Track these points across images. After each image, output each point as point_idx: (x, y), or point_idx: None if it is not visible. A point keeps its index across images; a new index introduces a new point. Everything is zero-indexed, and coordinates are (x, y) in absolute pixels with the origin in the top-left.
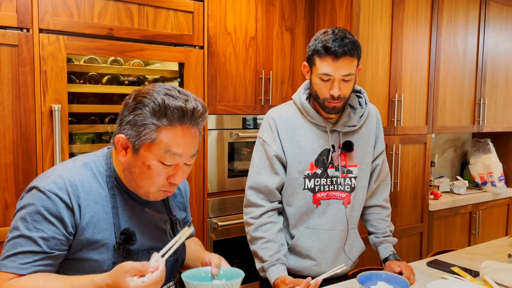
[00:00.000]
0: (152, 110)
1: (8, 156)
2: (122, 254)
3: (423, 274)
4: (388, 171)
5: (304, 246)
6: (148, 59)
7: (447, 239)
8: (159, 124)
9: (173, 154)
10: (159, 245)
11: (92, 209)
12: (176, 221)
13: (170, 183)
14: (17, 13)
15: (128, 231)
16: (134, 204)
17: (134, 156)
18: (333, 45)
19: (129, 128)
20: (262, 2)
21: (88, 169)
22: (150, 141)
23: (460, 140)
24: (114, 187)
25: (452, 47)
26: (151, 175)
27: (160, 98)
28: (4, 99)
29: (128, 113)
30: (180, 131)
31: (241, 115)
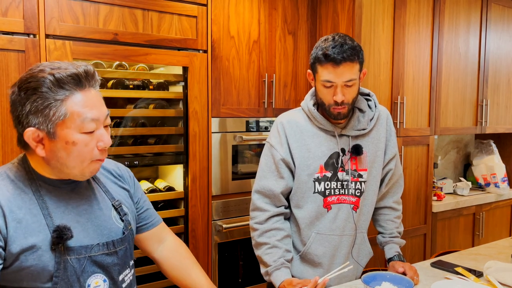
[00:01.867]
0: (48, 88)
1: None
2: (64, 252)
3: (427, 274)
4: (401, 173)
5: (316, 253)
6: (152, 63)
7: (451, 240)
8: (61, 97)
9: (91, 119)
10: (107, 235)
11: (17, 216)
12: (120, 206)
13: (100, 149)
14: (24, 19)
15: (58, 227)
16: (67, 200)
17: (54, 141)
18: (332, 52)
19: (33, 118)
20: (265, 6)
21: (5, 178)
22: (62, 117)
23: (463, 142)
24: (40, 188)
25: (454, 49)
26: (80, 150)
27: (48, 74)
28: None
29: (22, 106)
30: (83, 96)
31: (245, 118)
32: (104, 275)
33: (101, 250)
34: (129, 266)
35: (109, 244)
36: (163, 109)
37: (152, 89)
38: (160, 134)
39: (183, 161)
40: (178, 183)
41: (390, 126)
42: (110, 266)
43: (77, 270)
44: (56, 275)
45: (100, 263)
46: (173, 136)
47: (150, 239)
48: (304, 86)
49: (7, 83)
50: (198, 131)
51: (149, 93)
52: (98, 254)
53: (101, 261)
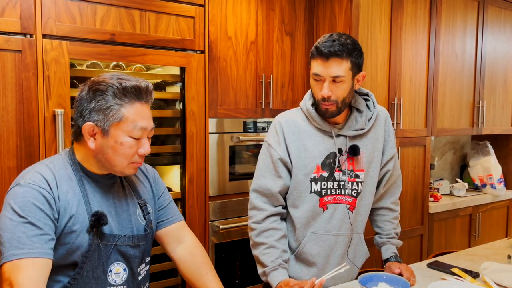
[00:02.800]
0: (113, 93)
1: (11, 160)
2: (97, 236)
3: (423, 275)
4: (400, 174)
5: (310, 253)
6: (149, 64)
7: (447, 241)
8: (122, 103)
9: (140, 127)
10: (132, 228)
11: (65, 198)
12: (145, 205)
13: (139, 155)
14: (21, 18)
15: (97, 213)
16: (103, 192)
17: (105, 138)
18: (323, 46)
19: (95, 114)
20: (262, 6)
21: (56, 165)
22: (118, 120)
23: (459, 143)
24: (82, 178)
25: (451, 50)
26: (124, 150)
27: (116, 81)
28: (7, 103)
29: (87, 103)
30: (139, 107)
31: (242, 119)
32: (125, 264)
33: (127, 241)
34: (145, 261)
35: (134, 237)
36: (160, 110)
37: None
38: (157, 135)
39: (180, 162)
40: (175, 184)
41: (389, 127)
42: (132, 258)
43: (104, 254)
44: (86, 255)
45: (124, 253)
46: (170, 137)
47: (168, 236)
48: (301, 87)
49: (4, 84)
50: (195, 132)
51: None
52: (124, 244)
53: (125, 251)
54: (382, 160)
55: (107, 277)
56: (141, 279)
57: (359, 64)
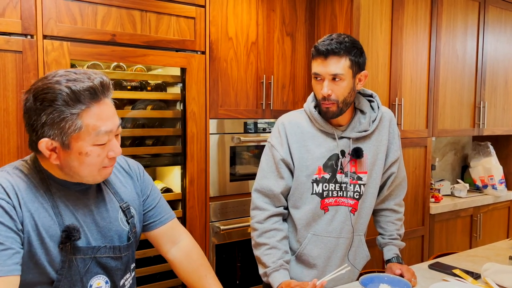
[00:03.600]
0: (63, 102)
1: (12, 161)
2: (70, 251)
3: (424, 276)
4: (405, 176)
5: (311, 255)
6: (150, 65)
7: (448, 242)
8: (77, 111)
9: (104, 132)
10: (112, 237)
11: (31, 209)
12: (128, 208)
13: (109, 158)
14: (21, 19)
15: (68, 228)
16: (76, 200)
17: (67, 152)
18: (321, 45)
19: (49, 129)
20: (263, 7)
21: (19, 172)
22: (77, 131)
23: (460, 144)
24: (50, 186)
25: (452, 51)
26: (92, 160)
27: (65, 87)
28: (8, 104)
29: (37, 116)
30: (98, 108)
31: (243, 120)
32: (106, 277)
33: (107, 253)
34: (130, 270)
35: (115, 248)
36: (161, 110)
37: (150, 90)
38: (158, 135)
39: (181, 163)
40: (176, 185)
41: (394, 129)
42: (114, 270)
43: (81, 270)
44: (60, 273)
45: (104, 265)
46: (171, 137)
47: (162, 237)
48: (302, 88)
49: (4, 84)
50: (196, 132)
51: (147, 94)
52: (104, 256)
53: (105, 263)
54: (386, 163)
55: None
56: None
57: (359, 63)
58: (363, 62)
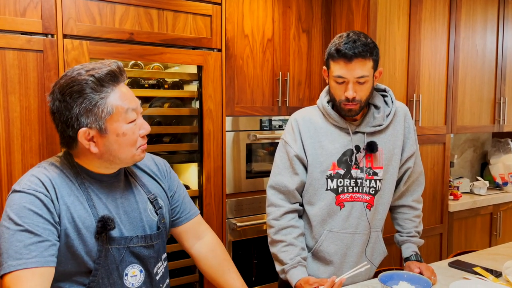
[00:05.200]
0: (91, 89)
1: (34, 159)
2: (106, 241)
3: (444, 274)
4: (422, 171)
5: (327, 251)
6: (167, 63)
7: (468, 240)
8: (105, 95)
9: (131, 109)
10: (144, 227)
11: (67, 202)
12: (156, 199)
13: (141, 136)
14: (42, 19)
15: (103, 218)
16: (108, 193)
17: (105, 136)
18: (345, 47)
19: (84, 118)
20: (279, 4)
21: (54, 167)
22: (110, 113)
23: (479, 140)
24: (84, 181)
25: (471, 46)
26: (129, 138)
27: (88, 75)
28: (30, 103)
29: (69, 111)
30: (120, 90)
31: (258, 117)
32: (141, 266)
33: (140, 242)
34: (161, 259)
35: (147, 237)
36: (177, 108)
37: (167, 88)
38: (175, 133)
39: (197, 160)
40: (193, 182)
41: (409, 123)
42: (147, 258)
43: (117, 259)
44: (98, 262)
45: (138, 254)
46: (187, 135)
47: (186, 233)
48: (318, 85)
49: (26, 83)
50: (212, 130)
51: (164, 92)
52: (137, 246)
53: (139, 252)
54: (402, 157)
55: (123, 282)
56: (159, 279)
57: (378, 62)
58: (379, 59)
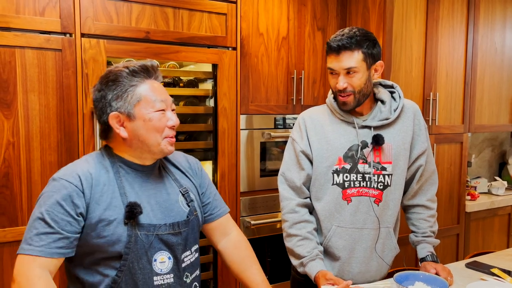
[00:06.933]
0: (124, 78)
1: (52, 155)
2: (134, 227)
3: (461, 275)
4: (434, 169)
5: (336, 247)
6: (183, 61)
7: (485, 241)
8: (135, 83)
9: (159, 100)
10: (173, 217)
11: (101, 190)
12: (187, 192)
13: (170, 127)
14: (61, 18)
15: (130, 204)
16: (141, 182)
17: (133, 121)
18: (333, 41)
19: (115, 103)
20: (294, 2)
21: (94, 158)
22: (138, 100)
23: (498, 140)
24: (120, 169)
25: (490, 43)
26: (155, 125)
27: (123, 67)
28: (49, 101)
29: (104, 98)
30: (151, 84)
31: (273, 115)
32: (169, 252)
33: (168, 230)
34: (191, 249)
35: (174, 225)
36: (193, 106)
37: (182, 86)
38: (190, 131)
39: (212, 158)
40: None
41: (419, 120)
42: (175, 245)
43: (146, 244)
44: (128, 246)
45: (166, 241)
46: (202, 133)
47: (215, 230)
48: None
49: (45, 81)
50: (227, 128)
51: (179, 90)
52: (165, 233)
53: (167, 239)
54: (413, 154)
55: (152, 267)
56: (185, 266)
57: (373, 55)
58: (377, 53)
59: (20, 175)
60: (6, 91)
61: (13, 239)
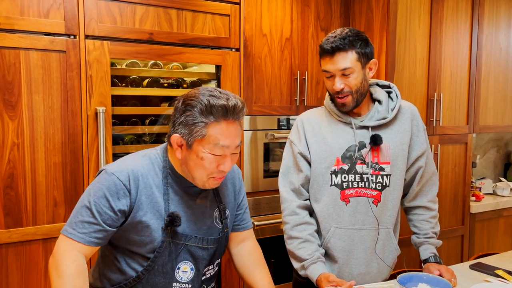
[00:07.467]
0: (200, 110)
1: (57, 156)
2: (169, 234)
3: (465, 277)
4: (434, 170)
5: (335, 248)
6: (186, 62)
7: (490, 243)
8: (207, 121)
9: (221, 146)
10: (205, 231)
11: (147, 192)
12: (224, 210)
13: (219, 170)
14: (65, 20)
15: (173, 214)
16: (185, 192)
17: (189, 151)
18: (326, 43)
19: (182, 128)
20: (297, 3)
21: (148, 159)
22: (201, 137)
23: (503, 140)
24: (168, 176)
25: (495, 44)
26: (204, 165)
27: (206, 99)
28: (53, 102)
29: (179, 115)
30: (225, 125)
31: (276, 116)
32: (192, 264)
33: (197, 242)
34: (213, 263)
35: (204, 240)
36: None
37: (186, 87)
38: None
39: None
40: None
41: (418, 122)
42: (200, 259)
43: (174, 252)
44: (159, 250)
45: (193, 253)
46: None
47: (236, 238)
48: None
49: (50, 83)
50: None
51: (183, 92)
52: (194, 245)
53: (194, 252)
54: (412, 156)
55: (174, 274)
56: (205, 279)
57: (366, 54)
58: (371, 51)
59: (25, 176)
60: (11, 92)
61: (18, 239)
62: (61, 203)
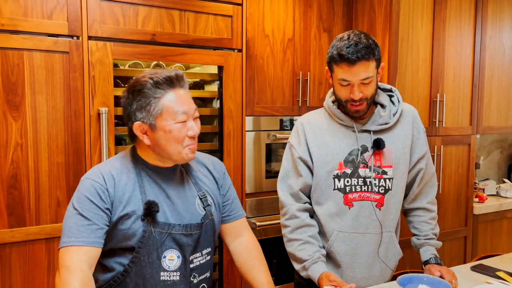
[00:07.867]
0: (148, 90)
1: (60, 156)
2: (150, 223)
3: (466, 278)
4: (434, 172)
5: (338, 252)
6: (188, 63)
7: (493, 244)
8: (158, 95)
9: (182, 112)
10: (188, 218)
11: (123, 188)
12: (205, 197)
13: (190, 137)
14: (68, 21)
15: (148, 201)
16: (161, 183)
17: (155, 131)
18: (347, 51)
19: (139, 113)
20: (300, 4)
21: (118, 159)
22: (159, 112)
23: (507, 141)
24: (142, 171)
25: (498, 44)
26: (174, 136)
27: (148, 78)
28: (56, 103)
29: (130, 106)
30: (174, 93)
31: (279, 117)
32: (179, 252)
33: (181, 230)
34: (201, 251)
35: (187, 226)
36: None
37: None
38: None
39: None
40: None
41: (418, 124)
42: (185, 246)
43: (158, 241)
44: (141, 240)
45: (178, 241)
46: (208, 135)
47: (230, 230)
48: None
49: (53, 83)
50: (232, 130)
51: None
52: (177, 233)
53: (179, 239)
54: (413, 158)
55: (161, 263)
56: (194, 268)
57: (380, 59)
58: (380, 55)
59: (28, 176)
60: (15, 93)
61: (21, 239)
62: (64, 203)
